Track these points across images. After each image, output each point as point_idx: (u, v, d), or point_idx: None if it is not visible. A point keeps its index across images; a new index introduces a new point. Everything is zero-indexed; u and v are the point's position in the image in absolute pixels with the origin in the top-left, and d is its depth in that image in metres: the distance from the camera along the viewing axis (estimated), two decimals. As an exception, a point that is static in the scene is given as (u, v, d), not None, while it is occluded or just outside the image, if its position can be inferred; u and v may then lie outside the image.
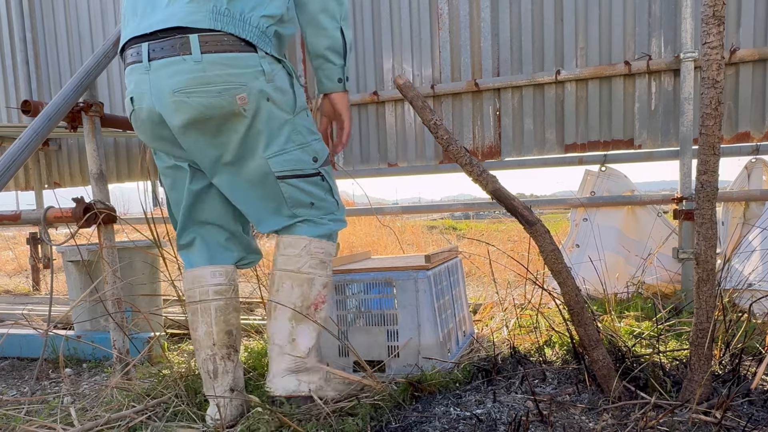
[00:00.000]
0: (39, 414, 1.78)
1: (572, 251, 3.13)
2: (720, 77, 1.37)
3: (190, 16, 1.46)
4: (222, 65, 1.47)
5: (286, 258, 1.65)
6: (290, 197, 1.62)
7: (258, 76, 1.50)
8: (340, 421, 1.52)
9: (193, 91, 1.48)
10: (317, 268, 1.66)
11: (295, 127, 1.59)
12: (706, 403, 1.48)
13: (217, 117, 1.51)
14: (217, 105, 1.49)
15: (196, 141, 1.56)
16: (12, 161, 1.84)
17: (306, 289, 1.65)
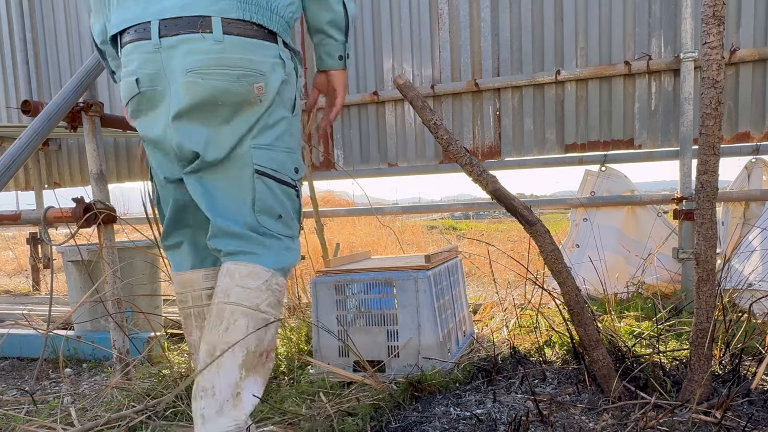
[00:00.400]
0: (39, 414, 1.78)
1: (572, 251, 3.13)
2: (720, 77, 1.37)
3: (214, 4, 1.35)
4: (244, 49, 1.37)
5: (243, 290, 1.39)
6: (261, 199, 1.44)
7: (276, 68, 1.42)
8: (340, 421, 1.52)
9: (210, 72, 1.36)
10: (275, 308, 1.43)
11: (289, 129, 1.49)
12: (706, 403, 1.48)
13: (228, 104, 1.39)
14: (234, 91, 1.38)
15: (189, 130, 1.41)
16: (12, 161, 1.84)
17: (262, 332, 1.39)
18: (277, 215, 1.47)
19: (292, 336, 2.37)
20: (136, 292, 2.65)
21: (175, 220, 1.60)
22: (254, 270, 1.41)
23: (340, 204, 9.13)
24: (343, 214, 4.07)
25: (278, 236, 1.47)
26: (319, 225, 3.00)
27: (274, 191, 1.46)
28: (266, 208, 1.45)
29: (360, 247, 5.43)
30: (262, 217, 1.45)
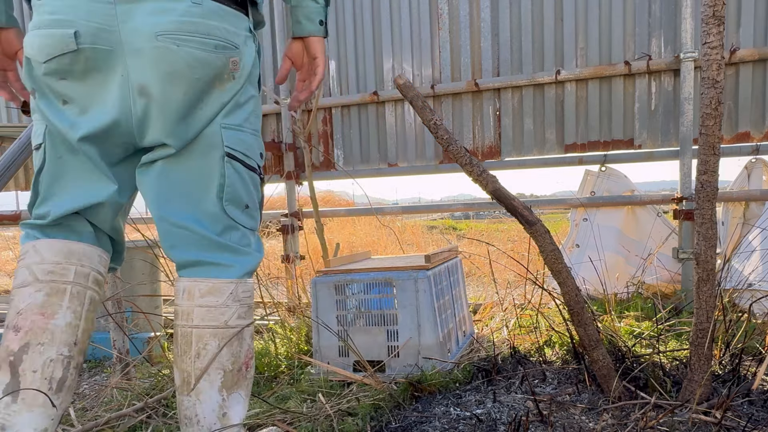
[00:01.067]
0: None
1: (572, 251, 3.13)
2: (720, 77, 1.37)
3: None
4: (221, 18, 1.22)
5: (207, 310, 1.26)
6: (231, 185, 1.28)
7: (248, 42, 1.28)
8: (340, 421, 1.52)
9: (187, 38, 1.17)
10: (245, 317, 1.30)
11: (256, 109, 1.35)
12: (706, 403, 1.48)
13: (203, 79, 1.22)
14: (213, 63, 1.21)
15: (157, 108, 1.21)
16: (12, 161, 1.84)
17: (236, 348, 1.27)
18: (244, 205, 1.31)
19: (292, 336, 2.37)
20: (136, 292, 2.65)
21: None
22: (215, 285, 1.26)
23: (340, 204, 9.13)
24: (343, 214, 4.08)
25: (242, 228, 1.31)
26: (319, 225, 3.00)
27: (243, 177, 1.30)
28: (234, 197, 1.29)
29: (360, 247, 5.43)
30: (229, 207, 1.28)
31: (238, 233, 1.30)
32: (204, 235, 1.26)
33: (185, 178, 1.27)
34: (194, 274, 1.27)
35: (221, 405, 1.25)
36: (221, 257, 1.27)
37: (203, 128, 1.26)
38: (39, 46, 1.18)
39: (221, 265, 1.27)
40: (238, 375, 1.28)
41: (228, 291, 1.27)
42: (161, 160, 1.26)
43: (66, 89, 1.22)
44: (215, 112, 1.27)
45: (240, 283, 1.28)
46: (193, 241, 1.27)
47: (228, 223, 1.29)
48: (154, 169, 1.27)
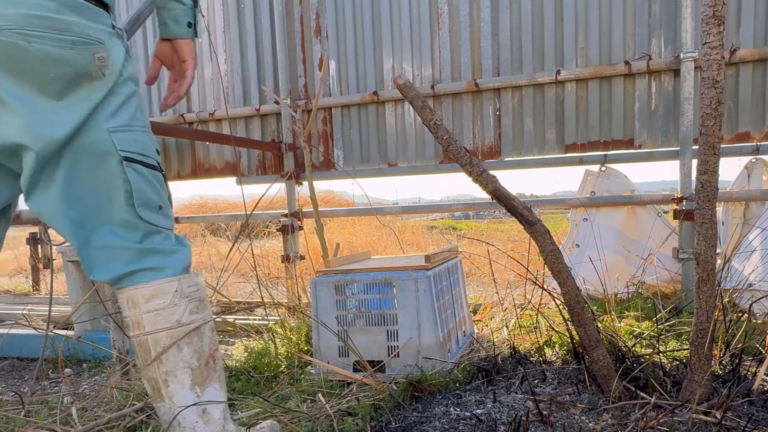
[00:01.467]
0: (39, 414, 1.78)
1: (572, 251, 3.13)
2: (720, 77, 1.37)
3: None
4: (77, 13, 1.14)
5: (156, 314, 1.23)
6: (138, 189, 1.21)
7: (112, 37, 1.21)
8: (340, 421, 1.52)
9: (39, 34, 1.09)
10: (200, 310, 1.28)
11: (140, 104, 1.28)
12: (706, 403, 1.48)
13: (63, 78, 1.14)
14: (70, 60, 1.13)
15: (7, 111, 1.11)
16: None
17: (197, 343, 1.26)
18: (157, 207, 1.26)
19: (292, 336, 2.37)
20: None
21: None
22: (158, 287, 1.23)
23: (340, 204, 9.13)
24: (343, 214, 4.08)
25: (163, 230, 1.27)
26: (319, 225, 3.00)
27: (148, 179, 1.24)
28: (146, 201, 1.23)
29: (360, 247, 5.43)
30: (144, 212, 1.22)
31: (160, 236, 1.26)
32: (127, 246, 1.22)
33: (88, 196, 1.20)
34: (132, 282, 1.23)
35: (197, 401, 1.24)
36: (152, 262, 1.24)
37: (75, 128, 1.16)
38: None
39: (155, 269, 1.23)
40: (206, 369, 1.26)
41: (172, 289, 1.24)
42: (56, 187, 1.17)
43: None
44: (86, 113, 1.17)
45: (182, 279, 1.25)
46: (119, 256, 1.22)
47: (147, 229, 1.24)
48: (49, 195, 1.18)
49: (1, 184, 1.23)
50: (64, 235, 1.23)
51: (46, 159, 1.15)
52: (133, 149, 1.21)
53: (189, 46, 1.45)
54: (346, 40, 3.28)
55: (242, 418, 1.63)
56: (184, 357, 1.24)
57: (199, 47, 3.57)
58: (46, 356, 2.62)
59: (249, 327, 2.73)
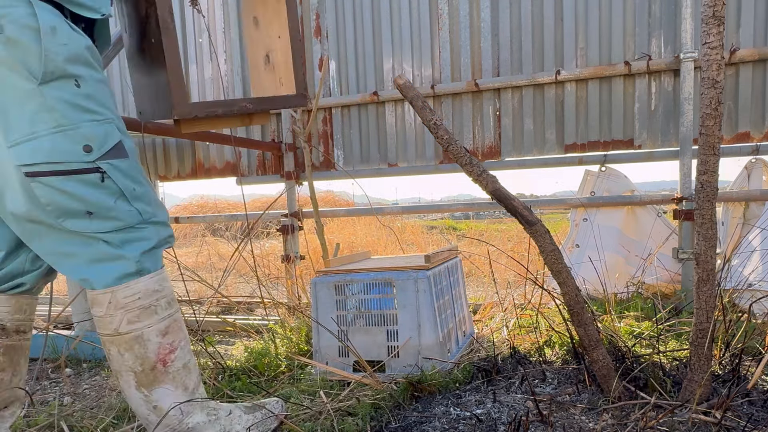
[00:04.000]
0: (39, 414, 1.78)
1: (572, 251, 3.13)
2: (720, 77, 1.37)
3: None
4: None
5: (98, 320, 1.26)
6: (50, 203, 1.14)
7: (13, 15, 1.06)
8: (340, 421, 1.52)
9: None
10: (140, 318, 1.25)
11: (45, 101, 1.10)
12: (706, 403, 1.48)
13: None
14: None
15: None
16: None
17: (138, 349, 1.25)
18: (84, 213, 1.17)
19: (292, 336, 2.37)
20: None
21: None
22: (93, 297, 1.24)
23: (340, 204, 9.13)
24: (343, 214, 4.08)
25: (97, 236, 1.20)
26: (319, 225, 3.00)
27: (61, 189, 1.14)
28: (65, 211, 1.16)
29: (360, 247, 5.43)
30: (68, 222, 1.17)
31: (99, 244, 1.21)
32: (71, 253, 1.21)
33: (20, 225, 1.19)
34: (84, 285, 1.25)
35: (146, 400, 1.28)
36: (88, 272, 1.22)
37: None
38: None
39: (88, 280, 1.23)
40: (152, 373, 1.27)
41: (106, 301, 1.22)
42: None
43: None
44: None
45: (116, 291, 1.22)
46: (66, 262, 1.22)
47: (78, 240, 1.19)
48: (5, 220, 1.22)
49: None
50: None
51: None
52: (36, 160, 1.10)
53: None
54: (346, 40, 3.28)
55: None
56: (126, 362, 1.26)
57: (199, 47, 3.57)
58: (46, 356, 2.62)
59: (249, 327, 2.73)
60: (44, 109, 1.11)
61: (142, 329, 1.25)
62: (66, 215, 1.16)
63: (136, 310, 1.24)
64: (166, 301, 1.30)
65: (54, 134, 1.12)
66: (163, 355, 1.29)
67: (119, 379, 1.29)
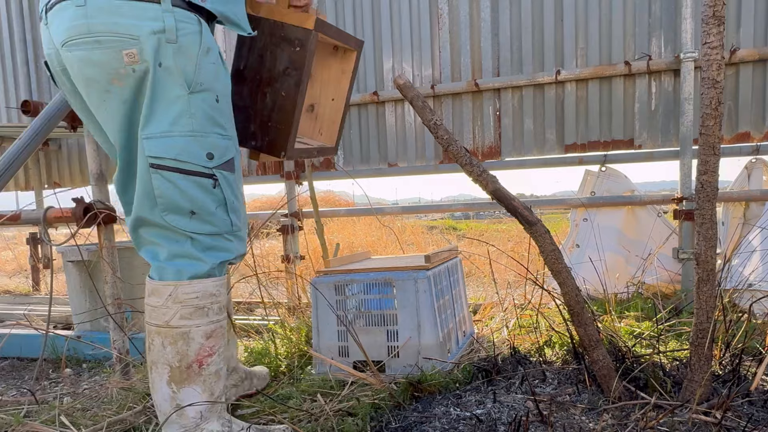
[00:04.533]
0: (39, 414, 1.78)
1: (572, 251, 3.13)
2: (720, 77, 1.37)
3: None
4: (110, 12, 1.19)
5: (151, 309, 1.32)
6: (163, 195, 1.27)
7: (156, 31, 1.21)
8: (340, 421, 1.52)
9: (75, 42, 1.20)
10: (193, 317, 1.31)
11: (189, 108, 1.26)
12: (706, 404, 1.48)
13: (99, 79, 1.22)
14: (97, 60, 1.20)
15: (93, 109, 1.30)
16: (12, 161, 1.84)
17: (181, 345, 1.31)
18: (188, 212, 1.29)
19: (292, 336, 2.37)
20: (136, 292, 2.65)
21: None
22: (155, 287, 1.32)
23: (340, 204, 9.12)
24: (343, 214, 4.08)
25: (193, 235, 1.31)
26: (319, 225, 3.00)
27: (177, 184, 1.27)
28: (172, 206, 1.28)
29: (360, 247, 5.42)
30: (170, 217, 1.28)
31: (188, 241, 1.31)
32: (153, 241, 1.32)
33: (138, 190, 1.32)
34: (149, 273, 1.35)
35: (172, 397, 1.32)
36: (163, 262, 1.31)
37: (121, 125, 1.27)
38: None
39: (163, 268, 1.31)
40: (187, 372, 1.31)
41: (167, 293, 1.30)
42: (117, 176, 1.35)
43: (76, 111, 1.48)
44: (118, 110, 1.25)
45: (182, 285, 1.29)
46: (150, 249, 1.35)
47: (172, 234, 1.30)
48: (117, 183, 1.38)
49: None
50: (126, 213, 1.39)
51: (113, 152, 1.34)
52: (163, 155, 1.24)
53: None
54: (346, 40, 3.27)
55: (245, 414, 1.63)
56: (166, 355, 1.31)
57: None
58: (46, 356, 2.62)
59: (249, 327, 2.73)
60: (187, 114, 1.26)
61: (191, 327, 1.31)
62: (171, 210, 1.28)
63: (190, 308, 1.31)
64: (218, 307, 1.36)
65: (187, 137, 1.26)
66: (202, 357, 1.32)
67: (152, 370, 1.33)
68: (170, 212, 1.28)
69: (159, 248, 1.33)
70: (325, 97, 1.95)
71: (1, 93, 4.04)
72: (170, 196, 1.27)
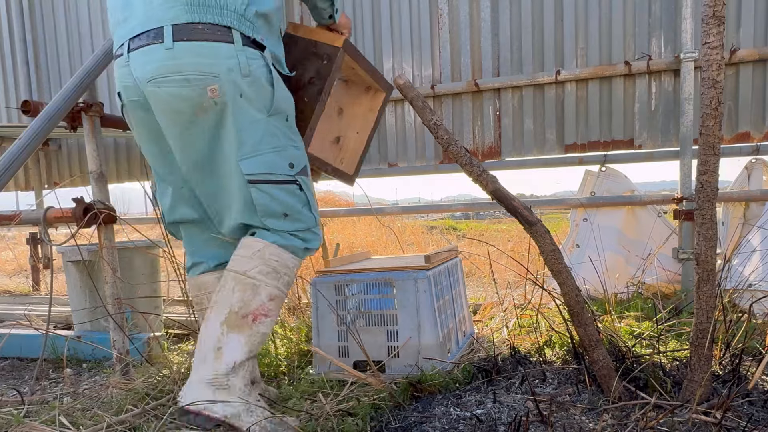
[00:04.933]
0: (39, 414, 1.78)
1: (572, 251, 3.13)
2: (720, 77, 1.37)
3: (166, 13, 1.43)
4: (194, 53, 1.41)
5: (237, 258, 1.53)
6: (261, 204, 1.50)
7: (232, 68, 1.43)
8: (340, 421, 1.52)
9: (164, 79, 1.42)
10: (267, 276, 1.51)
11: (269, 129, 1.50)
12: (706, 404, 1.48)
13: (186, 111, 1.44)
14: (186, 96, 1.42)
15: (173, 136, 1.51)
16: (12, 161, 1.84)
17: (248, 295, 1.49)
18: (281, 215, 1.52)
19: (292, 336, 2.37)
20: (136, 292, 2.65)
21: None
22: (248, 242, 1.53)
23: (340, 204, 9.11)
24: (343, 214, 4.07)
25: (288, 233, 1.55)
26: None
27: (271, 194, 1.50)
28: (269, 212, 1.51)
29: (360, 247, 5.42)
30: (268, 220, 1.51)
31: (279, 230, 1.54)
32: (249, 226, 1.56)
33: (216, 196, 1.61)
34: (242, 234, 1.56)
35: (219, 337, 1.47)
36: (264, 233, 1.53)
37: (206, 141, 1.48)
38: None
39: (262, 232, 1.53)
40: (242, 321, 1.48)
41: (256, 248, 1.51)
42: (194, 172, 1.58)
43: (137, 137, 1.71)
44: (200, 136, 1.47)
45: (270, 247, 1.51)
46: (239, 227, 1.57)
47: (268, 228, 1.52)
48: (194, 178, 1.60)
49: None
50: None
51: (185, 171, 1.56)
52: (257, 171, 1.47)
53: (337, 25, 1.86)
54: (346, 40, 3.27)
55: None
56: (232, 298, 1.49)
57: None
58: (46, 356, 2.62)
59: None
60: (268, 134, 1.49)
61: (262, 283, 1.50)
62: (268, 215, 1.51)
63: (268, 268, 1.51)
64: (287, 281, 1.57)
65: (272, 153, 1.49)
66: (258, 313, 1.50)
67: (211, 310, 1.50)
68: (268, 217, 1.50)
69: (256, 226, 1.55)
70: (352, 130, 2.13)
71: (1, 93, 4.04)
72: (266, 204, 1.49)
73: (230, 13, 1.45)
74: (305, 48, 1.79)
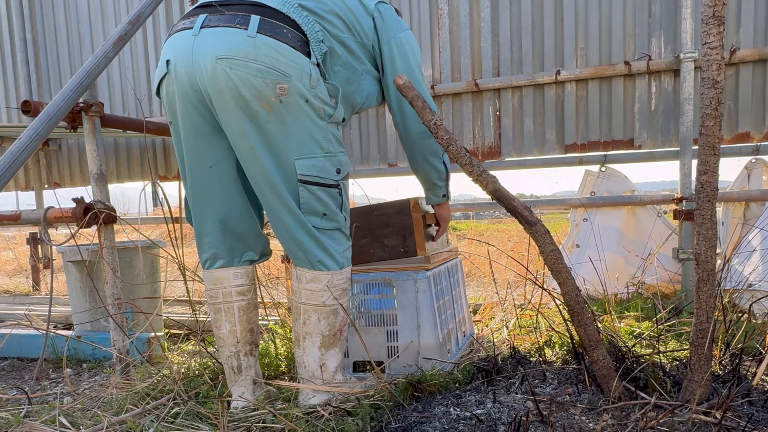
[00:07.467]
0: (39, 414, 1.78)
1: (572, 251, 3.13)
2: (720, 77, 1.37)
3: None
4: (273, 49, 1.47)
5: (310, 293, 1.66)
6: (305, 203, 1.59)
7: (303, 77, 1.51)
8: (340, 421, 1.52)
9: (238, 61, 1.44)
10: (340, 297, 1.68)
11: (326, 135, 1.59)
12: (706, 404, 1.48)
13: (250, 99, 1.47)
14: (257, 85, 1.46)
15: (228, 114, 1.52)
16: (12, 161, 1.84)
17: (332, 320, 1.68)
18: (321, 214, 1.62)
19: (292, 336, 2.36)
20: (136, 292, 2.65)
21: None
22: (315, 276, 1.65)
23: (340, 204, 9.08)
24: (343, 214, 4.08)
25: (325, 230, 1.65)
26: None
27: (317, 195, 1.59)
28: (311, 209, 1.61)
29: (360, 247, 5.41)
30: (309, 217, 1.61)
31: (323, 234, 1.65)
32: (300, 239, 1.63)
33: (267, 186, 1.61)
34: (302, 265, 1.66)
35: (320, 358, 1.69)
36: (318, 256, 1.63)
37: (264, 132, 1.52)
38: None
39: (319, 263, 1.64)
40: (333, 338, 1.69)
41: (325, 280, 1.65)
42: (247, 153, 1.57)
43: (168, 110, 1.70)
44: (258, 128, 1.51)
45: (335, 275, 1.66)
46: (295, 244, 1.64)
47: (311, 230, 1.62)
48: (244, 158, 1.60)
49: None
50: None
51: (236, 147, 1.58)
52: (309, 173, 1.57)
53: (442, 208, 2.02)
54: (346, 40, 3.27)
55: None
56: (320, 326, 1.67)
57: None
58: (46, 356, 2.62)
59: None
60: (325, 139, 1.59)
61: (339, 305, 1.68)
62: (310, 213, 1.61)
63: (339, 291, 1.68)
64: (349, 286, 1.74)
65: (324, 158, 1.59)
66: (341, 326, 1.71)
67: (305, 340, 1.68)
68: (309, 214, 1.60)
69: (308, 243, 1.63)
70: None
71: (1, 93, 4.04)
72: (311, 203, 1.59)
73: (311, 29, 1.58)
74: (399, 210, 2.07)
